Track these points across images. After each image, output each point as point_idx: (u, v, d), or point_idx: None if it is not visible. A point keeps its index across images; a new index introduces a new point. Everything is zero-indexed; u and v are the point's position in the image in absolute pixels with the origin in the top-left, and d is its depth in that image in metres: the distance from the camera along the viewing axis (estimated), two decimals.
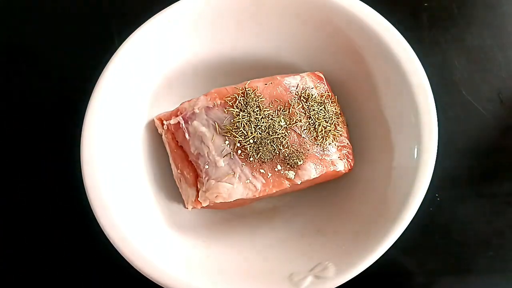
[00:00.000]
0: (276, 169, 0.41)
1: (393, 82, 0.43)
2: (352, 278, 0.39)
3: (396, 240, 0.40)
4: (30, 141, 0.51)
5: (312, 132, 0.42)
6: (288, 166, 0.41)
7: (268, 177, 0.41)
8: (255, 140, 0.41)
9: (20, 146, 0.51)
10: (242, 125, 0.42)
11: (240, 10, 0.46)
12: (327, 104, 0.44)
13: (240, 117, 0.42)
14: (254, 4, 0.46)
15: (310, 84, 0.44)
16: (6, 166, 0.51)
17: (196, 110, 0.43)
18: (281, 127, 0.42)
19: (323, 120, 0.43)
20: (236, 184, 0.41)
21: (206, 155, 0.42)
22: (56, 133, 0.51)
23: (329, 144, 0.43)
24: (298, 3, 0.45)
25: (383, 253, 0.39)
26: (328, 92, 0.45)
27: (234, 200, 0.41)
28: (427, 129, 0.41)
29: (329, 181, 0.46)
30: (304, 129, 0.42)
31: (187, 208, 0.44)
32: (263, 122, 0.42)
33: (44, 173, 0.50)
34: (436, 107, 0.41)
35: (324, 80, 0.46)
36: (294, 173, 0.41)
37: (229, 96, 0.43)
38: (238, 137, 0.41)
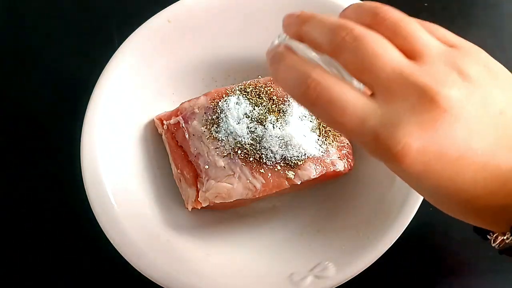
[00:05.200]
0: (276, 169, 0.41)
1: None
2: (352, 278, 0.39)
3: (396, 240, 0.40)
4: (30, 141, 0.51)
5: (312, 132, 0.42)
6: (288, 166, 0.41)
7: (268, 177, 0.41)
8: (255, 140, 0.41)
9: (20, 146, 0.51)
10: (242, 125, 0.42)
11: (240, 10, 0.46)
12: None
13: (240, 117, 0.42)
14: (254, 4, 0.46)
15: None
16: (6, 165, 0.51)
17: (196, 110, 0.43)
18: (281, 127, 0.42)
19: None
20: (235, 184, 0.41)
21: (206, 155, 0.42)
22: (56, 133, 0.51)
23: (329, 144, 0.43)
24: (299, 3, 0.45)
25: (383, 253, 0.39)
26: None
27: (234, 200, 0.41)
28: None
29: (329, 181, 0.46)
30: (304, 129, 0.42)
31: (187, 208, 0.44)
32: (263, 122, 0.42)
33: (44, 173, 0.50)
34: None
35: None
36: (294, 173, 0.41)
37: (229, 96, 0.43)
38: (238, 137, 0.41)
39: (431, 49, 0.24)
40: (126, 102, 0.44)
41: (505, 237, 0.27)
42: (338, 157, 0.43)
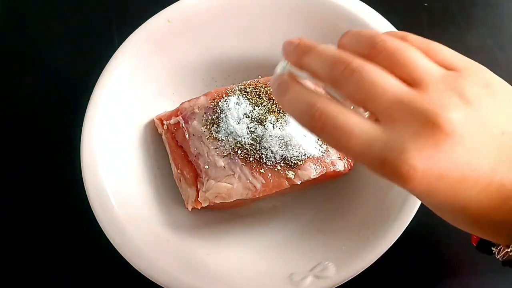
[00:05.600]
0: (276, 169, 0.41)
1: None
2: (352, 278, 0.39)
3: (396, 240, 0.40)
4: (30, 141, 0.51)
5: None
6: (288, 166, 0.41)
7: (268, 177, 0.41)
8: (255, 140, 0.41)
9: (20, 146, 0.51)
10: (242, 125, 0.42)
11: (240, 10, 0.46)
12: None
13: (240, 117, 0.42)
14: (254, 4, 0.46)
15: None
16: (6, 165, 0.51)
17: (196, 110, 0.43)
18: (281, 127, 0.42)
19: None
20: (235, 184, 0.41)
21: (206, 155, 0.42)
22: (56, 133, 0.51)
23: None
24: (299, 3, 0.45)
25: (383, 253, 0.39)
26: None
27: (234, 200, 0.41)
28: None
29: (329, 181, 0.46)
30: (303, 129, 0.42)
31: (187, 208, 0.44)
32: (263, 122, 0.42)
33: (44, 173, 0.50)
34: None
35: None
36: (294, 173, 0.41)
37: (229, 96, 0.43)
38: (238, 137, 0.41)
39: (430, 76, 0.25)
40: (126, 102, 0.44)
41: (509, 249, 0.29)
42: (338, 157, 0.43)
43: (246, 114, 0.42)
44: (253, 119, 0.42)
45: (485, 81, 0.26)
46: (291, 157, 0.41)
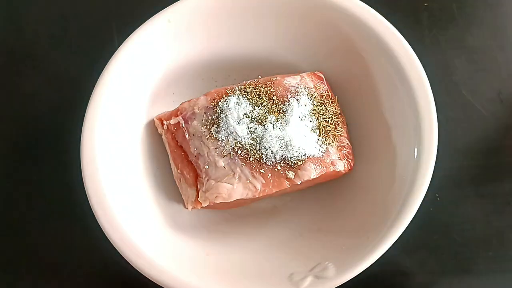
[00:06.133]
0: (276, 169, 0.41)
1: (393, 82, 0.43)
2: (352, 278, 0.39)
3: (396, 240, 0.40)
4: (29, 141, 0.51)
5: (312, 132, 0.42)
6: (288, 166, 0.41)
7: (268, 177, 0.41)
8: (255, 140, 0.41)
9: (20, 146, 0.51)
10: (242, 125, 0.42)
11: (240, 10, 0.46)
12: (327, 104, 0.44)
13: (240, 117, 0.42)
14: (254, 4, 0.46)
15: (310, 84, 0.44)
16: (6, 166, 0.51)
17: (196, 110, 0.43)
18: (281, 127, 0.42)
19: (323, 120, 0.43)
20: (236, 184, 0.41)
21: (206, 155, 0.42)
22: (56, 133, 0.51)
23: (329, 144, 0.43)
24: (299, 3, 0.45)
25: (383, 253, 0.39)
26: (328, 92, 0.45)
27: (234, 200, 0.41)
28: (427, 129, 0.41)
29: (329, 181, 0.46)
30: (304, 129, 0.42)
31: (187, 208, 0.44)
32: (263, 122, 0.42)
33: (44, 173, 0.50)
34: (436, 107, 0.41)
35: (324, 80, 0.46)
36: (294, 173, 0.41)
37: (229, 96, 0.43)
38: (238, 137, 0.41)
39: None
40: (126, 102, 0.44)
41: None
42: (338, 157, 0.43)
43: (246, 114, 0.42)
44: (253, 119, 0.42)
45: None
46: (291, 157, 0.41)
